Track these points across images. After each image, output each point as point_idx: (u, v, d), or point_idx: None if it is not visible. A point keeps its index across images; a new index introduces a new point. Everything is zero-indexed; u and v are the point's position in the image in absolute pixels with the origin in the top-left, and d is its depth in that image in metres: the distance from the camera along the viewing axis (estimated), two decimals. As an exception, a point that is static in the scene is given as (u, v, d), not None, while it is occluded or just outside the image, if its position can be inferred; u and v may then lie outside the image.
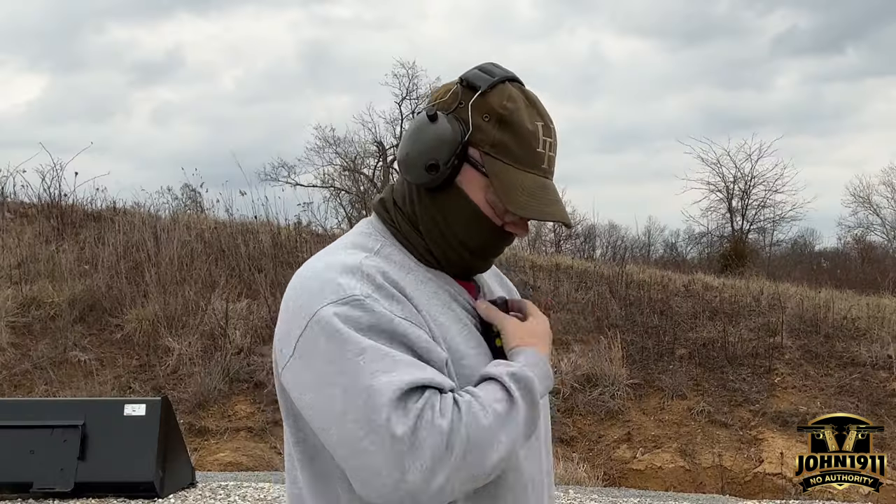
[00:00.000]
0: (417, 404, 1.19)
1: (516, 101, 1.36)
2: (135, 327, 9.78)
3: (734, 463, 8.35)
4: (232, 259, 11.22)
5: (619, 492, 7.34)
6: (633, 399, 9.12)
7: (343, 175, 26.22)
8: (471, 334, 1.38)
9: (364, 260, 1.33)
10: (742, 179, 25.32)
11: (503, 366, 1.30)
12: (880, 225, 28.52)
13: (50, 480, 5.94)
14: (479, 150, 1.35)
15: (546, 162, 1.37)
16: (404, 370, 1.21)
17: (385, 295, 1.28)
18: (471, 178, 1.36)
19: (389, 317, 1.25)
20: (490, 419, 1.23)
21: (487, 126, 1.35)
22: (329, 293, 1.27)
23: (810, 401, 9.09)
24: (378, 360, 1.21)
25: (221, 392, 8.96)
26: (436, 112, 1.36)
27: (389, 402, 1.18)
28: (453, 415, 1.21)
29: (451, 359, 1.31)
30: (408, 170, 1.37)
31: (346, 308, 1.25)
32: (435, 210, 1.38)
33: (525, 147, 1.35)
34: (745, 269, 16.92)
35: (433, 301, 1.36)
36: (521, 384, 1.28)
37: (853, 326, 10.42)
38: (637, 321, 10.44)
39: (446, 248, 1.39)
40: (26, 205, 12.83)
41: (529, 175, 1.35)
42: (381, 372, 1.20)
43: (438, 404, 1.21)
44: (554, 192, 1.39)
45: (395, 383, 1.19)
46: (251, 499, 6.31)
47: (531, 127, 1.35)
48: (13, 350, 9.46)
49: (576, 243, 25.93)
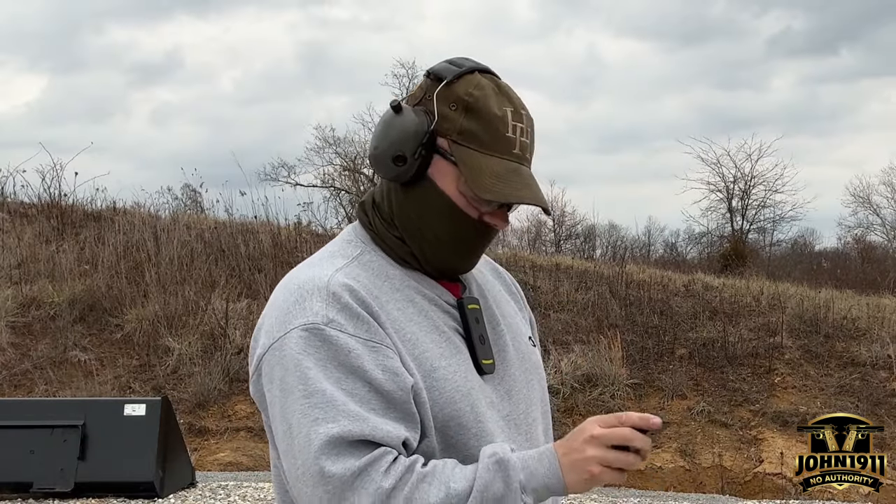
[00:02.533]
0: (362, 460, 1.19)
1: (484, 89, 1.33)
2: (135, 327, 9.78)
3: (734, 463, 8.36)
4: (232, 259, 11.22)
5: (619, 492, 7.34)
6: (633, 399, 9.12)
7: (343, 175, 26.21)
8: (448, 342, 1.34)
9: (335, 275, 1.31)
10: (742, 179, 25.33)
11: (498, 449, 1.25)
12: (880, 225, 28.53)
13: (50, 480, 5.94)
14: (448, 138, 1.32)
15: (518, 147, 1.32)
16: (344, 421, 1.21)
17: (350, 316, 1.27)
18: (441, 169, 1.33)
19: (347, 349, 1.24)
20: (438, 498, 1.19)
21: (454, 114, 1.32)
22: (295, 316, 1.28)
23: (810, 401, 9.09)
24: (322, 406, 1.22)
25: (221, 392, 8.96)
26: (399, 104, 1.34)
27: (320, 452, 1.20)
28: (396, 481, 1.19)
29: (421, 374, 1.29)
30: (377, 165, 1.36)
31: (307, 336, 1.25)
32: (409, 206, 1.36)
33: (493, 132, 1.31)
34: (745, 269, 16.92)
35: (408, 310, 1.33)
36: (500, 473, 1.22)
37: (853, 326, 10.42)
38: (637, 321, 10.44)
39: (424, 245, 1.36)
40: (26, 205, 12.83)
41: (499, 160, 1.31)
42: (322, 420, 1.21)
43: (385, 464, 1.20)
44: (528, 177, 1.34)
45: (331, 434, 1.20)
46: (251, 499, 6.31)
47: (499, 112, 1.31)
48: (13, 350, 9.46)
49: (576, 243, 25.97)
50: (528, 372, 1.45)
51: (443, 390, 1.29)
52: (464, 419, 1.30)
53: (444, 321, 1.36)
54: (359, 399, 1.23)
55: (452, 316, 1.38)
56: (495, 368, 1.39)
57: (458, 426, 1.29)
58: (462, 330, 1.37)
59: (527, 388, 1.43)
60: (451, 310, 1.38)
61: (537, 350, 1.53)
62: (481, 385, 1.35)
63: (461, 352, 1.35)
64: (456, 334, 1.36)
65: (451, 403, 1.30)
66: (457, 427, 1.29)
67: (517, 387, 1.41)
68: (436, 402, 1.29)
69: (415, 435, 1.26)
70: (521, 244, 21.61)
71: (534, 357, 1.49)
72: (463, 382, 1.32)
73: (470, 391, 1.32)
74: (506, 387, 1.39)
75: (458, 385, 1.31)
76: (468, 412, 1.30)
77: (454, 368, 1.32)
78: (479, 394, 1.33)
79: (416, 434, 1.27)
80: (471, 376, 1.34)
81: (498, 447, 1.24)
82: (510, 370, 1.41)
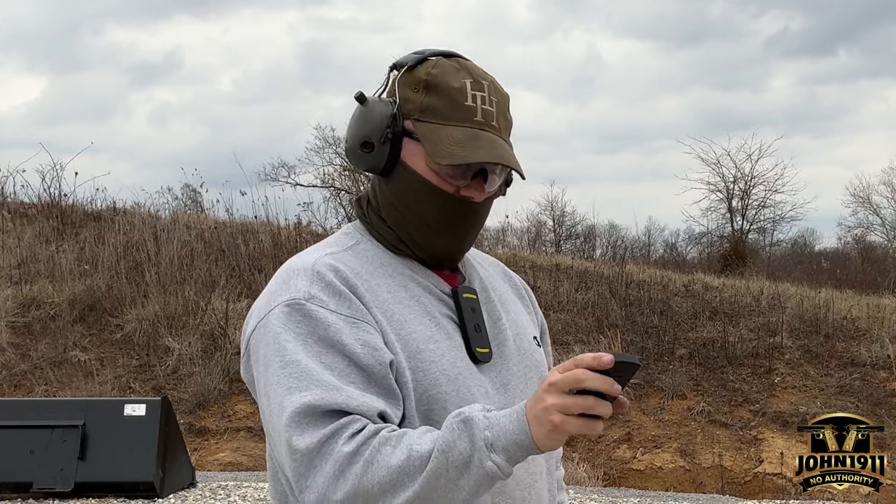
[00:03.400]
0: (328, 427, 1.19)
1: (442, 67, 1.35)
2: (135, 327, 9.78)
3: (734, 463, 8.36)
4: (232, 259, 11.23)
5: (619, 492, 7.34)
6: (633, 399, 9.12)
7: (343, 175, 26.18)
8: (438, 327, 1.34)
9: (323, 257, 1.34)
10: (742, 179, 25.28)
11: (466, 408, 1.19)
12: (880, 225, 28.48)
13: (50, 480, 5.94)
14: (412, 119, 1.34)
15: (480, 114, 1.33)
16: (317, 391, 1.20)
17: (332, 293, 1.28)
18: (411, 150, 1.35)
19: (327, 323, 1.25)
20: (400, 459, 1.16)
21: (415, 95, 1.34)
22: (280, 295, 1.30)
23: (810, 401, 9.10)
24: (298, 376, 1.22)
25: (221, 392, 8.97)
26: (363, 94, 1.37)
27: (292, 419, 1.20)
28: (359, 445, 1.17)
29: (406, 354, 1.29)
30: (350, 157, 1.39)
31: (288, 311, 1.27)
32: (391, 194, 1.37)
33: (451, 103, 1.32)
34: (745, 269, 16.91)
35: (399, 294, 1.34)
36: (465, 432, 1.16)
37: (853, 326, 10.42)
38: (637, 321, 10.44)
39: (411, 230, 1.37)
40: (26, 205, 12.83)
41: (460, 128, 1.32)
42: (295, 389, 1.21)
43: (351, 431, 1.19)
44: (490, 140, 1.33)
45: (302, 401, 1.20)
46: (251, 499, 6.31)
47: (457, 84, 1.33)
48: (13, 350, 9.46)
49: (576, 243, 25.94)
50: (528, 368, 1.44)
51: (427, 372, 1.29)
52: (448, 403, 1.29)
53: (436, 308, 1.36)
54: (338, 372, 1.23)
55: (447, 304, 1.38)
56: (492, 359, 1.38)
57: (442, 409, 1.28)
58: (456, 318, 1.37)
59: (524, 384, 1.41)
60: (445, 298, 1.38)
61: (543, 350, 1.52)
62: (473, 373, 1.34)
63: (452, 338, 1.35)
64: (450, 321, 1.36)
65: (436, 386, 1.29)
66: (441, 411, 1.28)
67: (514, 381, 1.40)
68: (420, 382, 1.28)
69: (396, 411, 1.25)
70: (521, 244, 21.60)
71: (536, 355, 1.48)
72: (450, 367, 1.31)
73: (457, 376, 1.31)
74: (502, 379, 1.39)
75: (444, 368, 1.31)
76: (453, 396, 1.29)
77: (442, 352, 1.32)
78: (469, 381, 1.33)
79: (398, 411, 1.26)
80: (460, 363, 1.33)
81: (467, 407, 1.19)
82: (508, 364, 1.40)
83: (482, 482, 1.16)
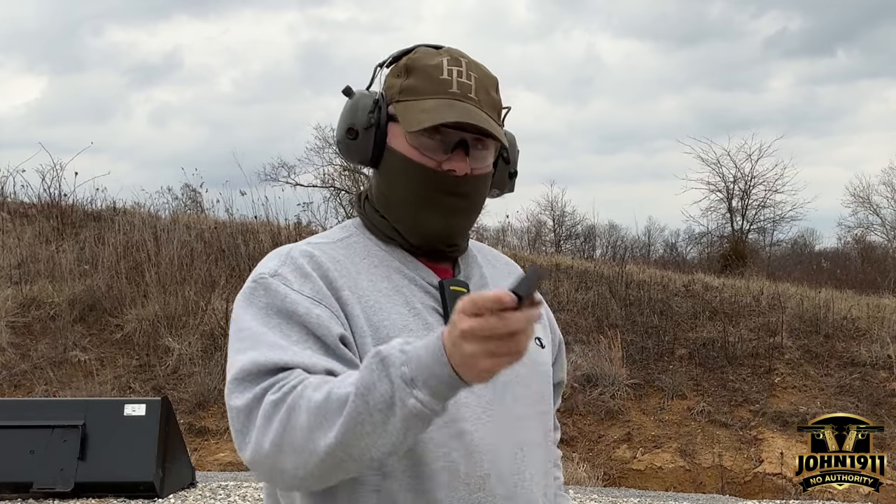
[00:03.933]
0: (265, 382, 1.18)
1: (423, 52, 1.39)
2: (135, 327, 9.78)
3: (734, 463, 8.35)
4: (232, 259, 11.23)
5: (619, 492, 7.34)
6: (633, 399, 9.12)
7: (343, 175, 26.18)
8: (417, 317, 1.33)
9: (302, 245, 1.37)
10: (742, 179, 25.27)
11: (383, 346, 1.12)
12: (880, 225, 28.47)
13: (50, 480, 5.94)
14: (393, 102, 1.38)
15: (455, 86, 1.34)
16: (262, 350, 1.21)
17: (299, 275, 1.30)
18: (393, 131, 1.38)
19: (284, 295, 1.27)
20: (317, 401, 1.11)
21: (398, 80, 1.38)
22: (253, 275, 1.34)
23: (810, 401, 9.09)
24: (248, 338, 1.24)
25: (221, 392, 8.95)
26: (349, 87, 1.41)
27: (233, 377, 1.21)
28: (284, 392, 1.15)
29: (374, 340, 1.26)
30: (339, 148, 1.43)
31: (253, 286, 1.31)
32: (383, 181, 1.40)
33: (427, 78, 1.35)
34: (745, 269, 16.91)
35: (381, 284, 1.35)
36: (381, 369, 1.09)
37: (853, 326, 10.42)
38: (637, 321, 10.44)
39: (398, 213, 1.38)
40: (26, 205, 12.83)
41: (433, 99, 1.34)
42: (244, 350, 1.23)
43: (283, 382, 1.17)
44: (463, 107, 1.32)
45: (246, 360, 1.21)
46: (251, 499, 6.30)
47: (433, 62, 1.36)
48: (13, 350, 9.46)
49: (576, 243, 25.95)
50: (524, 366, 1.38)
51: None
52: None
53: (419, 299, 1.36)
54: (294, 340, 1.24)
55: (433, 296, 1.38)
56: None
57: None
58: (441, 310, 1.37)
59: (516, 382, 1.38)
60: (431, 290, 1.38)
61: (545, 352, 1.50)
62: None
63: (432, 329, 1.32)
64: (434, 313, 1.36)
65: None
66: None
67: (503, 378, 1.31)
68: None
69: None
70: (521, 244, 21.60)
71: (535, 355, 1.44)
72: None
73: None
74: None
75: None
76: None
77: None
78: None
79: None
80: None
81: (386, 344, 1.11)
82: None
83: (410, 422, 1.07)
